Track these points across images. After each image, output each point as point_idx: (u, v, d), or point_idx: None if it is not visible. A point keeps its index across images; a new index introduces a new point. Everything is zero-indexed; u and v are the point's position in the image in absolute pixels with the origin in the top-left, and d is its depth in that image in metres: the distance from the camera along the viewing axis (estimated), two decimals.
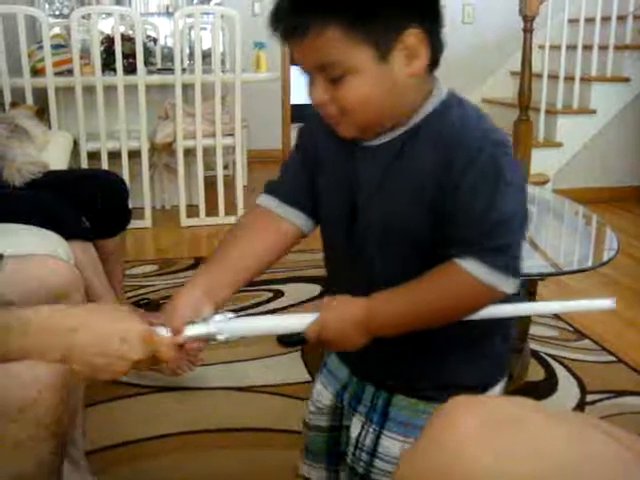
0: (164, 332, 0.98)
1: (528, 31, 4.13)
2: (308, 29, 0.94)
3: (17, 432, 1.03)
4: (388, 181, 1.03)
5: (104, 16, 4.43)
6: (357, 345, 1.00)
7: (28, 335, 0.88)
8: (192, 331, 1.00)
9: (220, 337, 1.00)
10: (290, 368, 2.29)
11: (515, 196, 0.96)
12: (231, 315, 1.02)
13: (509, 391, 1.75)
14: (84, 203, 2.28)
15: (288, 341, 2.44)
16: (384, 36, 0.94)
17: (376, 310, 0.99)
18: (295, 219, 1.14)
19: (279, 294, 2.90)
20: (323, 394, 1.23)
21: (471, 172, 0.94)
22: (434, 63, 1.02)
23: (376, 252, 1.06)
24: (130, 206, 2.54)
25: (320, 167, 1.13)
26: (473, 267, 0.95)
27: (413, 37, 0.95)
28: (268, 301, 2.82)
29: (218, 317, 1.01)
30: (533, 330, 1.86)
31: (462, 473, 0.66)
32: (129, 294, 2.82)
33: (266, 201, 1.17)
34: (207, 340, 1.02)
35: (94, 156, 3.77)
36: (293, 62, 1.04)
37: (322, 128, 1.09)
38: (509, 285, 0.96)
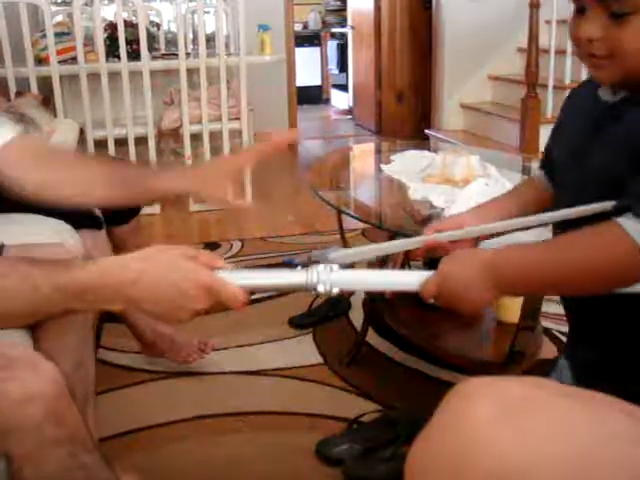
0: (233, 277, 0.91)
1: (535, 6, 4.10)
2: None
3: (24, 447, 1.05)
4: (601, 136, 0.96)
5: (106, 2, 4.41)
6: (481, 302, 0.91)
7: (87, 292, 0.88)
8: (287, 278, 0.94)
9: (321, 288, 0.92)
10: (302, 351, 2.29)
11: None
12: (335, 266, 0.93)
13: (522, 370, 1.75)
14: None
15: (300, 323, 2.44)
16: None
17: (504, 258, 0.90)
18: (544, 179, 1.20)
19: None
20: None
21: None
22: None
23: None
24: None
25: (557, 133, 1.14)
26: (632, 226, 0.80)
27: None
28: None
29: (321, 267, 0.93)
30: (545, 307, 1.86)
31: (484, 455, 0.65)
32: None
33: (536, 172, 1.25)
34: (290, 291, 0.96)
35: (101, 144, 3.77)
36: None
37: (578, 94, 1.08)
38: None
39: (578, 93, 1.12)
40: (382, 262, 2.27)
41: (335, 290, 0.92)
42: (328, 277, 0.92)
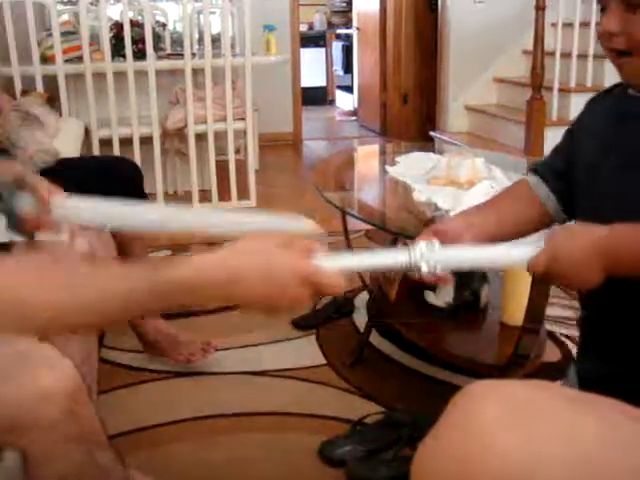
0: (334, 262, 0.87)
1: (541, 9, 4.09)
2: None
3: (40, 444, 1.06)
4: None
5: (112, 2, 4.41)
6: (590, 281, 0.88)
7: (183, 292, 0.83)
8: (389, 259, 0.90)
9: (425, 267, 0.88)
10: (305, 352, 2.29)
11: None
12: (437, 243, 0.90)
13: (525, 373, 1.75)
14: (99, 191, 2.27)
15: (303, 324, 2.44)
16: None
17: (619, 239, 0.87)
18: (543, 197, 1.16)
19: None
20: None
21: None
22: None
23: None
24: None
25: (577, 139, 1.11)
26: None
27: None
28: None
29: (423, 245, 0.89)
30: (549, 311, 1.86)
31: (491, 456, 0.65)
32: None
33: (532, 178, 1.19)
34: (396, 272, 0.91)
35: (106, 143, 3.77)
36: None
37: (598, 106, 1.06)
38: None
39: (599, 101, 1.12)
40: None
41: (439, 269, 0.88)
42: (432, 255, 0.88)
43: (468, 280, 2.10)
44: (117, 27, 3.91)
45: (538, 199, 1.17)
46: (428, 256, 0.88)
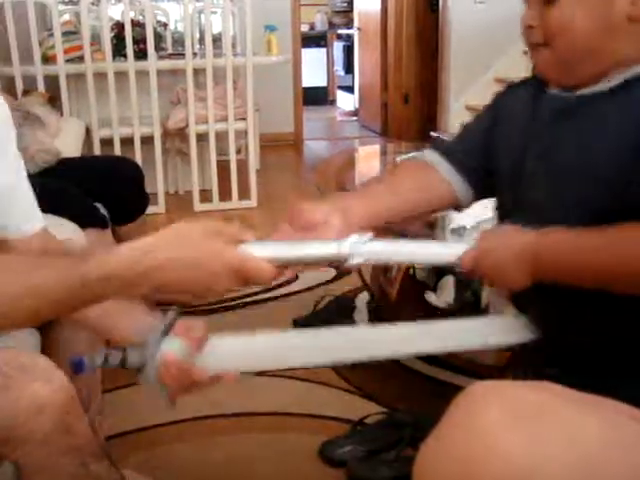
0: (262, 251, 0.86)
1: None
2: None
3: (34, 456, 1.05)
4: (561, 144, 0.96)
5: (114, 2, 4.42)
6: (517, 282, 0.89)
7: (112, 279, 0.83)
8: (318, 250, 0.89)
9: (353, 261, 0.87)
10: None
11: None
12: (368, 236, 0.89)
13: None
14: (101, 190, 2.28)
15: (303, 324, 2.44)
16: None
17: (547, 245, 0.88)
18: (449, 177, 1.12)
19: (292, 278, 2.89)
20: None
21: None
22: None
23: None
24: None
25: (498, 126, 1.09)
26: None
27: None
28: (280, 285, 2.81)
29: (354, 238, 0.88)
30: None
31: (494, 457, 0.65)
32: None
33: (430, 155, 1.15)
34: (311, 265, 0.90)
35: (107, 143, 3.78)
36: None
37: (515, 93, 1.08)
38: None
39: (515, 92, 1.11)
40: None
41: (368, 262, 0.88)
42: (362, 248, 0.87)
43: (469, 281, 2.09)
44: (118, 27, 3.92)
45: (440, 176, 1.12)
46: (357, 249, 0.87)
